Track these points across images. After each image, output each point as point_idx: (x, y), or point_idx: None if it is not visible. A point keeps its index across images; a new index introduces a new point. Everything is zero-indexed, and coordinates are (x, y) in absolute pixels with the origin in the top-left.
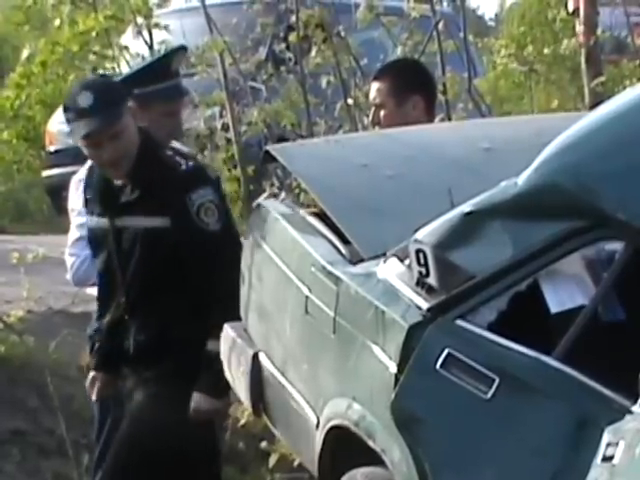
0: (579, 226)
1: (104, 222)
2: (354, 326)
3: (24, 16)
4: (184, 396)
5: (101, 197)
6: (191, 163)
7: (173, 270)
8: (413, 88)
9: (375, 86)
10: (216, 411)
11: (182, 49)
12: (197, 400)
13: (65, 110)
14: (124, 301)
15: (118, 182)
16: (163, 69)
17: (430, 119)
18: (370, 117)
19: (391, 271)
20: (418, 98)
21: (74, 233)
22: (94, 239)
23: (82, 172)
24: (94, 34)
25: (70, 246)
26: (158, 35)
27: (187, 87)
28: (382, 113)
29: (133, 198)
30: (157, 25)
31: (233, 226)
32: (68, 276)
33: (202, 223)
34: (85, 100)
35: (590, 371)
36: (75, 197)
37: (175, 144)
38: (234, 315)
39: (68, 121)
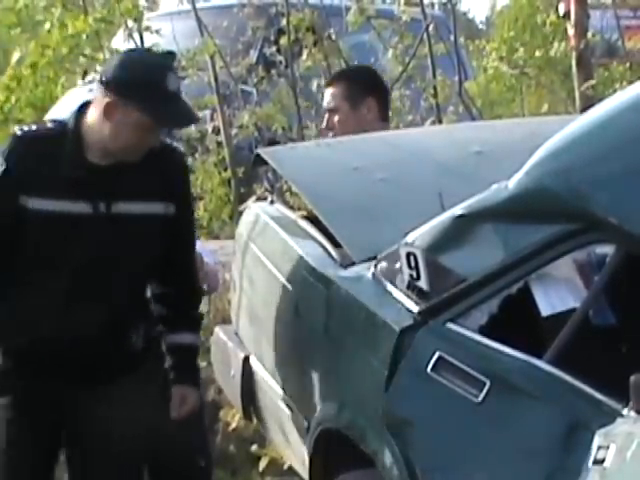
0: (570, 229)
1: (81, 207)
2: (345, 329)
3: (15, 18)
4: (163, 394)
5: (76, 179)
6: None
7: (157, 260)
8: (367, 91)
9: (329, 91)
10: (199, 403)
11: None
12: (188, 394)
13: (146, 87)
14: (95, 296)
15: (102, 163)
16: None
17: (384, 123)
18: (324, 123)
19: (382, 274)
20: (372, 101)
21: None
22: (45, 224)
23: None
24: (84, 37)
25: None
26: (149, 38)
27: None
28: (336, 117)
29: (135, 182)
30: (148, 28)
31: None
32: None
33: (193, 208)
34: (174, 83)
35: (581, 374)
36: None
37: None
38: (199, 306)
39: (143, 100)
